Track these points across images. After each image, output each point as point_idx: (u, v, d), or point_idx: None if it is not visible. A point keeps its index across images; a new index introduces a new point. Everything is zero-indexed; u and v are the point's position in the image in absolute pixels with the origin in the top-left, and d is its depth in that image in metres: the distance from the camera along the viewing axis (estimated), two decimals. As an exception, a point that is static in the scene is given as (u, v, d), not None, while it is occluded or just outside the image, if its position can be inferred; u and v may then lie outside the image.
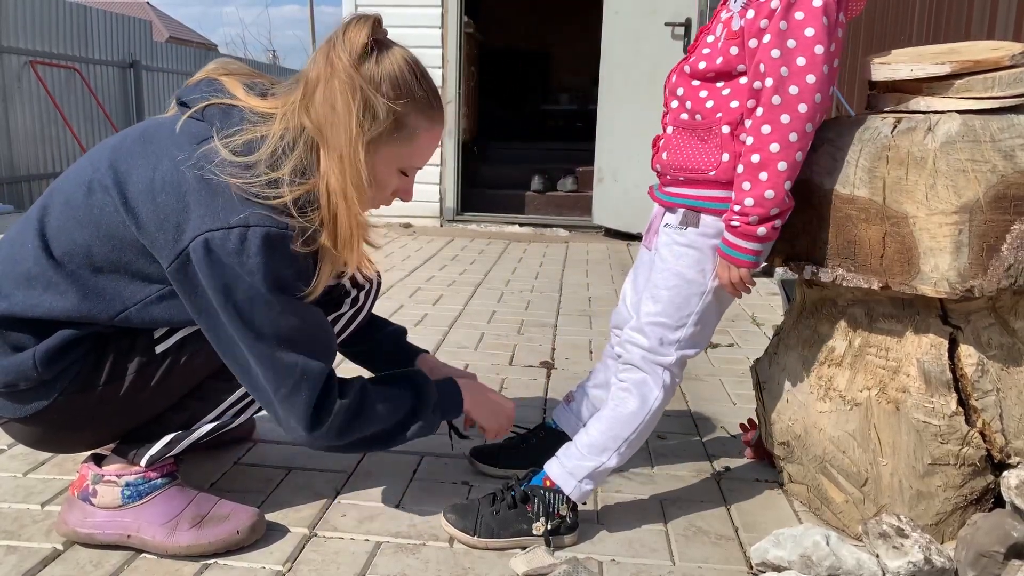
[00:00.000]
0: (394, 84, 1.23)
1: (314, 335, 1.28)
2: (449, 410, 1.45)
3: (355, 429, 1.31)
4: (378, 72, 1.22)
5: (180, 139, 1.23)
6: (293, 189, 1.20)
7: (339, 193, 1.22)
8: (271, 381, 1.24)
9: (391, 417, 1.35)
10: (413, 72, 1.26)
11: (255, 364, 1.23)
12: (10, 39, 6.90)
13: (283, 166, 1.21)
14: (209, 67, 1.35)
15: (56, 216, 1.25)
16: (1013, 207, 1.22)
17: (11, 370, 1.23)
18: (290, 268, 1.22)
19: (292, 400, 1.24)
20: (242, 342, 1.22)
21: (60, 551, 1.33)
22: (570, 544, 1.40)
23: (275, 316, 1.21)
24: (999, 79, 1.25)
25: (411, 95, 1.25)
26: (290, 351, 1.23)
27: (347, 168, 1.22)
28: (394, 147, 1.27)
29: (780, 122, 1.22)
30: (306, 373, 1.24)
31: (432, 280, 3.66)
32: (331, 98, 1.21)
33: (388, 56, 1.24)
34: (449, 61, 5.33)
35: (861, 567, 1.22)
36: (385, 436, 1.36)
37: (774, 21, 1.22)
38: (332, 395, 1.28)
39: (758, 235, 1.27)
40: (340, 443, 1.32)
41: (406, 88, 1.24)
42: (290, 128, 1.23)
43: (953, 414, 1.29)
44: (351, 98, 1.20)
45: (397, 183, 1.34)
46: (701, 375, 2.35)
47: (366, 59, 1.22)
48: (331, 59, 1.21)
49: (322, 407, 1.27)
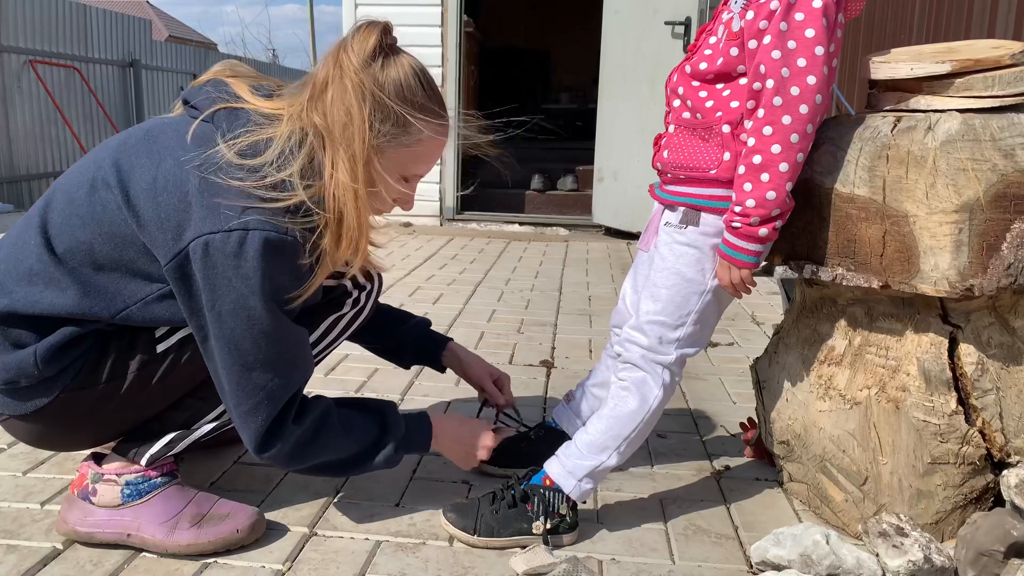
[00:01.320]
0: (399, 89, 1.24)
1: (292, 356, 1.28)
2: (415, 446, 1.44)
3: (307, 456, 1.31)
4: (387, 76, 1.23)
5: (185, 140, 1.23)
6: (300, 192, 1.20)
7: (349, 192, 1.23)
8: (234, 395, 1.24)
9: (349, 448, 1.35)
10: (419, 79, 1.27)
11: (224, 374, 1.23)
12: (10, 38, 6.90)
13: (290, 166, 1.21)
14: (216, 68, 1.35)
15: (59, 213, 1.25)
16: (1013, 206, 1.22)
17: (12, 367, 1.23)
18: (287, 274, 1.21)
19: (248, 419, 1.25)
20: (217, 350, 1.22)
21: (60, 550, 1.33)
22: (570, 543, 1.40)
23: (256, 333, 1.21)
24: (999, 78, 1.24)
25: (416, 101, 1.26)
26: (262, 370, 1.23)
27: (359, 167, 1.23)
28: (397, 152, 1.27)
29: (782, 123, 1.22)
30: (270, 396, 1.24)
31: (432, 279, 3.66)
32: (341, 99, 1.22)
33: (396, 62, 1.25)
34: (449, 61, 5.32)
35: (861, 566, 1.22)
36: (341, 465, 1.36)
37: (774, 22, 1.22)
38: (287, 421, 1.28)
39: (759, 236, 1.27)
40: (292, 468, 1.33)
41: (411, 94, 1.25)
42: (297, 129, 1.23)
43: (953, 413, 1.29)
44: (362, 99, 1.21)
45: (398, 190, 1.33)
46: (701, 374, 2.35)
47: (374, 63, 1.23)
48: (340, 61, 1.22)
49: (275, 432, 1.27)
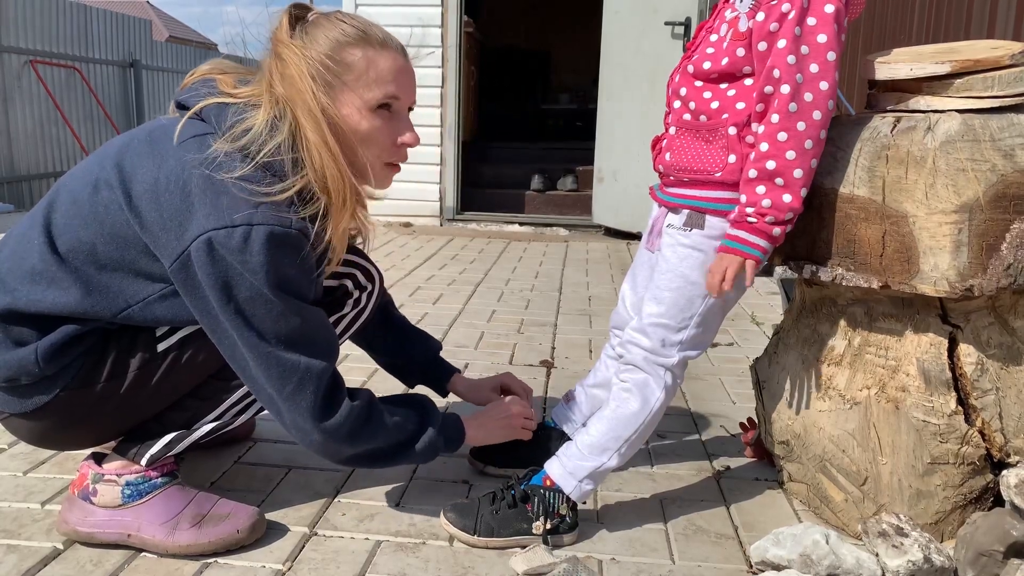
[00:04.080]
0: (324, 33, 1.28)
1: (316, 335, 1.28)
2: (451, 440, 1.46)
3: (364, 435, 1.31)
4: (309, 34, 1.28)
5: (183, 140, 1.24)
6: (296, 181, 1.22)
7: (323, 148, 1.25)
8: (274, 380, 1.24)
9: (397, 434, 1.36)
10: (339, 18, 1.31)
11: (255, 365, 1.23)
12: (10, 39, 6.90)
13: (274, 141, 1.23)
14: (202, 68, 1.37)
15: (62, 213, 1.26)
16: (1013, 206, 1.22)
17: (13, 365, 1.24)
18: (293, 266, 1.22)
19: (297, 398, 1.25)
20: (242, 343, 1.22)
21: (60, 550, 1.33)
22: (570, 543, 1.40)
23: (276, 316, 1.21)
24: (999, 78, 1.25)
25: (341, 34, 1.29)
26: (291, 351, 1.23)
27: (319, 118, 1.25)
28: (349, 87, 1.29)
29: (796, 129, 1.22)
30: (309, 371, 1.25)
31: (432, 279, 3.66)
32: (282, 69, 1.26)
33: (313, 19, 1.31)
34: (449, 61, 5.32)
35: (860, 566, 1.22)
36: (390, 453, 1.37)
37: (787, 26, 1.22)
38: (340, 393, 1.29)
39: (773, 235, 1.26)
40: (349, 447, 1.31)
41: (334, 31, 1.29)
42: (269, 108, 1.26)
43: (952, 413, 1.29)
44: (297, 62, 1.26)
45: (386, 126, 1.32)
46: (701, 374, 2.35)
47: (296, 28, 1.29)
48: (272, 40, 1.29)
49: (329, 404, 1.27)
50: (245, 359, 1.23)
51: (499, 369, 2.35)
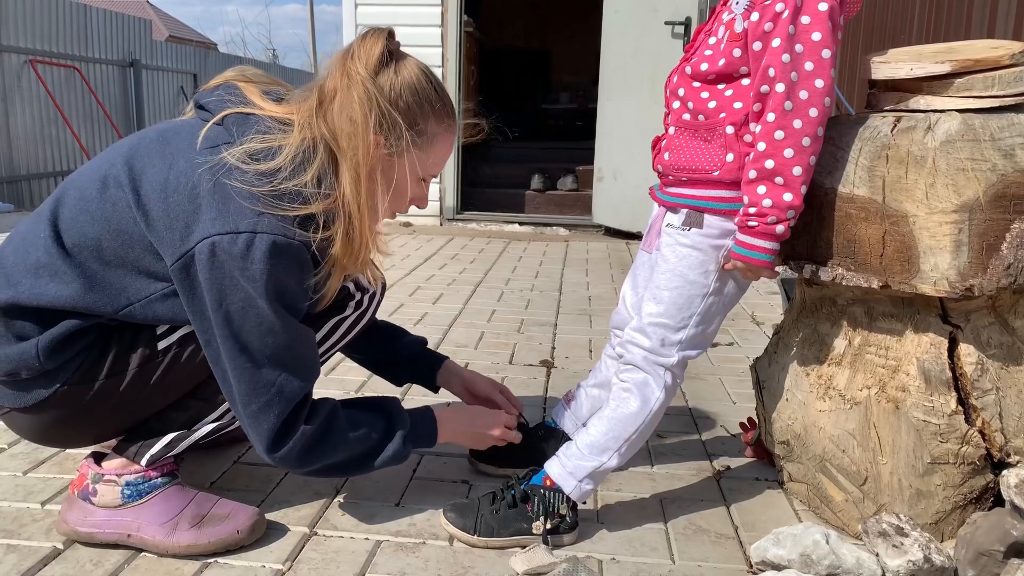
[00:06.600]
0: (412, 93, 1.26)
1: (300, 356, 1.28)
2: (422, 440, 1.44)
3: (316, 456, 1.31)
4: (397, 82, 1.25)
5: (198, 143, 1.24)
6: (313, 203, 1.21)
7: (353, 204, 1.24)
8: (244, 395, 1.24)
9: (358, 446, 1.35)
10: (429, 80, 1.29)
11: (232, 374, 1.24)
12: (10, 38, 6.90)
13: (300, 176, 1.21)
14: (228, 73, 1.37)
15: (69, 208, 1.26)
16: (1013, 206, 1.22)
17: (14, 358, 1.24)
18: (293, 279, 1.22)
19: (259, 419, 1.25)
20: (224, 351, 1.22)
21: (60, 550, 1.33)
22: (570, 543, 1.40)
23: (264, 331, 1.21)
24: (999, 78, 1.24)
25: (429, 103, 1.28)
26: (271, 368, 1.24)
27: (362, 182, 1.24)
28: (415, 155, 1.29)
29: (793, 128, 1.22)
30: (281, 393, 1.25)
31: (432, 279, 3.66)
32: (348, 109, 1.23)
33: (404, 66, 1.27)
34: (449, 61, 5.32)
35: (860, 566, 1.22)
36: (351, 464, 1.36)
37: (782, 25, 1.22)
38: (299, 420, 1.28)
39: (776, 233, 1.26)
40: (302, 469, 1.32)
41: (424, 96, 1.27)
42: (308, 138, 1.24)
43: (953, 413, 1.29)
44: (368, 110, 1.22)
45: (419, 192, 1.36)
46: (701, 374, 2.35)
47: (383, 70, 1.24)
48: (348, 70, 1.23)
49: (286, 431, 1.27)
50: (226, 367, 1.24)
51: (499, 369, 2.35)
